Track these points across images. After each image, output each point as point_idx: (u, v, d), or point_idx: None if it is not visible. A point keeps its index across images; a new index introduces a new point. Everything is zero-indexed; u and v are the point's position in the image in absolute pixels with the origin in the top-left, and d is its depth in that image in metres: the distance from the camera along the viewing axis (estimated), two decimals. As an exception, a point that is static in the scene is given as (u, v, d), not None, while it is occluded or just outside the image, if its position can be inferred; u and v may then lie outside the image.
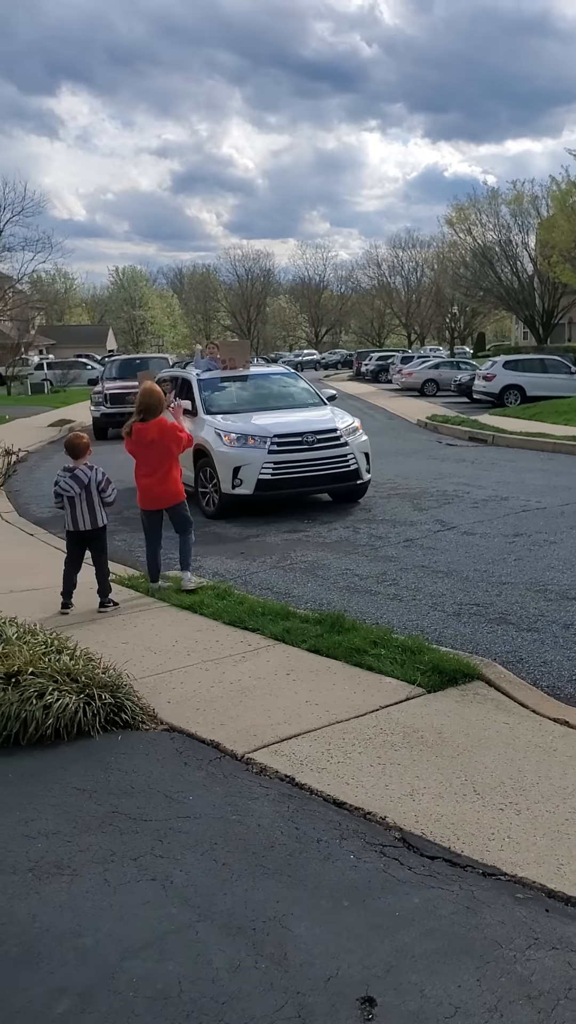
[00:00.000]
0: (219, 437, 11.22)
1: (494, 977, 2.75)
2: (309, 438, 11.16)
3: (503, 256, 52.67)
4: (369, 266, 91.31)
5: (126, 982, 2.79)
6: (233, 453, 11.01)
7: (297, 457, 11.08)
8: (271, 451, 10.96)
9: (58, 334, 77.68)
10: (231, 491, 11.04)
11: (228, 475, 11.00)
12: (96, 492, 7.16)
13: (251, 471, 10.94)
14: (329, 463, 11.26)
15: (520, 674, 5.54)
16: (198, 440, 11.21)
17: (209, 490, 11.46)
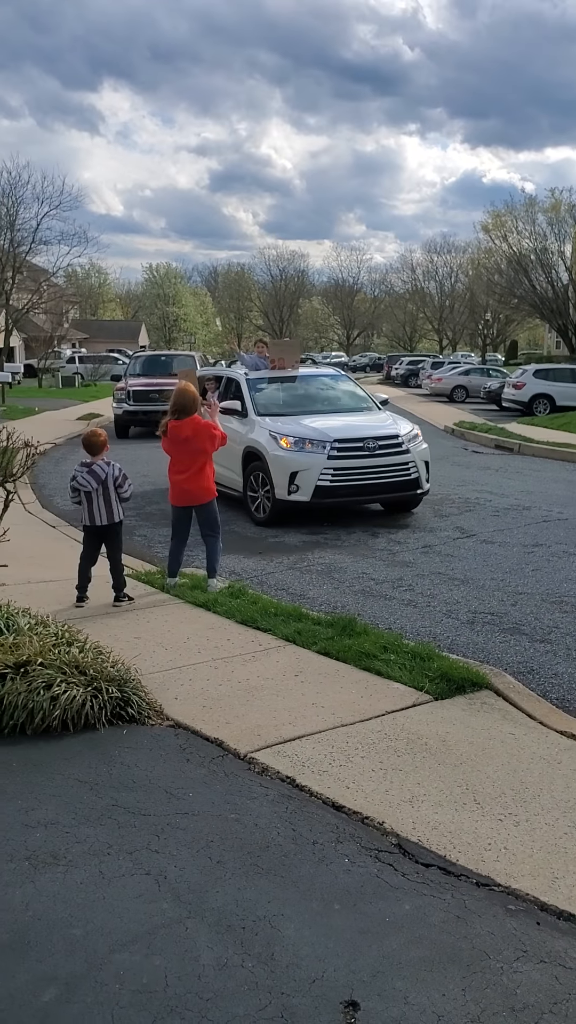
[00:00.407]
0: (274, 440, 10.68)
1: (479, 988, 2.74)
2: (370, 444, 10.64)
3: (538, 264, 52.31)
4: (403, 270, 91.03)
5: (112, 974, 2.81)
6: (290, 457, 10.46)
7: (357, 464, 10.53)
8: (331, 456, 10.42)
9: (91, 328, 78.19)
10: (286, 497, 10.46)
11: (284, 480, 10.42)
12: (113, 487, 7.19)
13: (309, 477, 10.38)
14: (390, 471, 10.72)
15: (530, 685, 5.51)
16: (248, 443, 10.98)
17: (260, 495, 10.90)
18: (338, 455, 10.46)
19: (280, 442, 10.63)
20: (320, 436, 10.61)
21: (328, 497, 10.51)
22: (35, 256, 42.84)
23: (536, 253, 52.60)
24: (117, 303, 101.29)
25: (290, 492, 10.45)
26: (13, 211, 39.79)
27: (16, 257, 39.12)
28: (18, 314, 41.79)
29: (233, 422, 11.35)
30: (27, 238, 40.44)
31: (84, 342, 70.64)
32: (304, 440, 10.58)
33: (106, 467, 7.22)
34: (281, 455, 10.52)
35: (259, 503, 10.93)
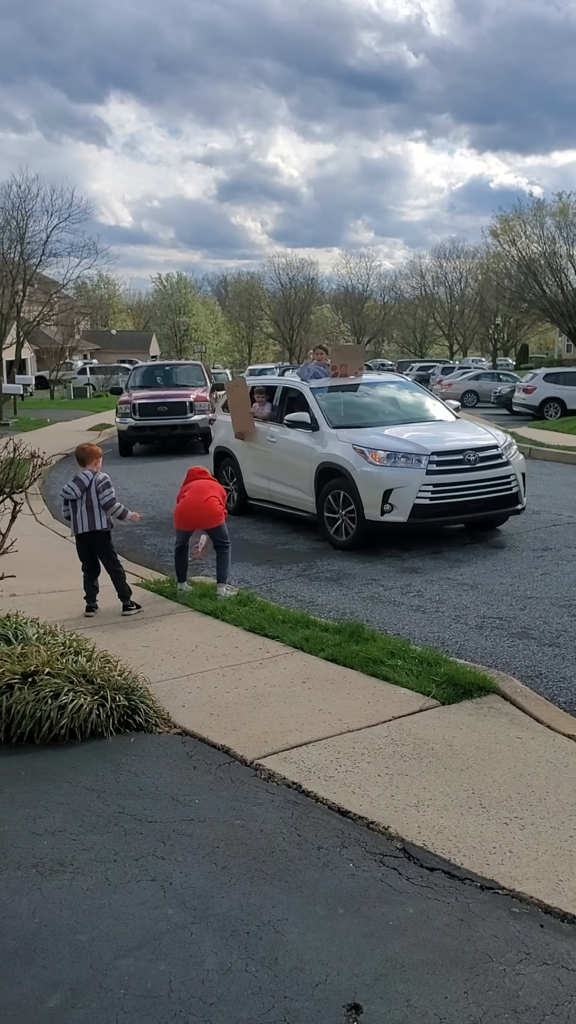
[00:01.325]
0: (361, 455, 9.57)
1: (482, 990, 2.75)
2: (470, 456, 9.60)
3: (548, 268, 52.24)
4: (413, 276, 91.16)
5: (117, 979, 2.83)
6: (383, 473, 9.34)
7: (457, 479, 9.48)
8: (430, 471, 9.35)
9: (102, 339, 78.56)
10: (378, 518, 9.37)
11: (375, 499, 9.34)
12: (95, 494, 7.26)
13: (406, 495, 9.27)
14: (490, 485, 9.68)
15: (538, 689, 5.51)
16: (324, 458, 10.00)
17: (341, 516, 9.79)
18: (437, 469, 9.40)
19: (369, 457, 9.51)
20: (416, 449, 9.53)
21: (426, 517, 9.43)
22: (45, 268, 43.08)
23: (545, 257, 52.54)
24: (128, 314, 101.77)
25: (383, 512, 9.35)
26: (23, 224, 40.03)
27: (27, 270, 39.32)
28: (29, 326, 41.98)
29: (299, 436, 10.61)
30: (37, 250, 40.64)
31: (95, 353, 70.98)
32: (397, 454, 9.48)
33: (90, 475, 7.32)
34: (371, 471, 9.43)
35: (340, 525, 9.85)
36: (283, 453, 10.92)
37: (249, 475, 11.75)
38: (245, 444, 11.68)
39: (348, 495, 9.65)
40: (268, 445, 11.25)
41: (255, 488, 11.66)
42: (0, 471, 6.81)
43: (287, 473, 10.75)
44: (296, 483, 10.59)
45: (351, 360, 11.97)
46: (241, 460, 11.87)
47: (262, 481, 11.44)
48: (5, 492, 6.71)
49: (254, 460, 11.60)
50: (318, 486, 10.13)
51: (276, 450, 11.08)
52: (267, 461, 11.29)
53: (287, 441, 10.86)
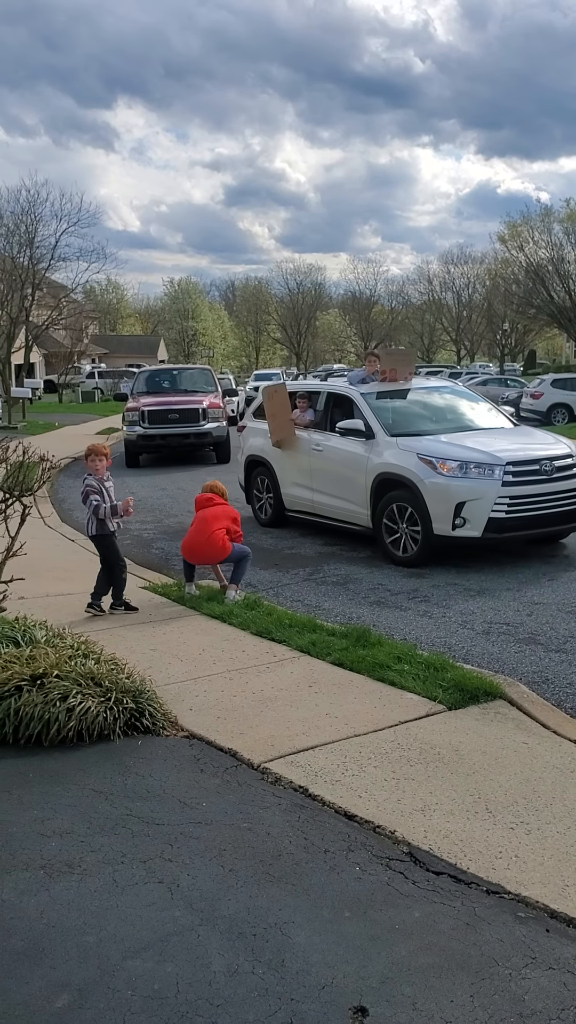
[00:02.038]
0: (428, 465, 8.94)
1: (488, 994, 2.76)
2: (546, 466, 9.01)
3: (555, 274, 52.28)
4: (420, 281, 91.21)
5: (125, 981, 2.85)
6: (454, 485, 8.74)
7: (535, 490, 8.89)
8: (506, 483, 8.75)
9: (110, 343, 78.77)
10: (449, 533, 8.76)
11: (445, 512, 8.72)
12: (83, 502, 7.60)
13: (480, 508, 8.68)
14: (566, 497, 9.09)
15: (544, 695, 5.52)
16: (383, 469, 9.38)
17: (402, 531, 9.18)
18: (514, 480, 8.81)
19: (439, 467, 8.89)
20: (489, 459, 8.91)
21: (502, 531, 8.86)
22: (54, 273, 43.24)
23: (553, 263, 52.57)
24: (136, 318, 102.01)
25: (455, 527, 8.73)
26: (32, 228, 40.20)
27: (36, 274, 39.48)
28: (38, 330, 42.15)
29: (350, 445, 10.02)
30: (46, 255, 40.84)
31: (104, 357, 71.17)
32: (469, 464, 8.87)
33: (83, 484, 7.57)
34: (441, 483, 8.79)
35: (401, 540, 9.21)
36: (331, 463, 10.32)
37: (288, 486, 11.13)
38: (283, 453, 11.10)
39: (412, 508, 9.00)
40: (312, 454, 10.62)
41: (295, 499, 11.06)
42: (9, 474, 6.85)
43: (336, 484, 10.14)
44: (346, 495, 9.97)
45: (401, 365, 11.21)
46: (279, 470, 11.26)
47: (304, 492, 10.83)
48: (14, 495, 6.75)
49: (295, 470, 10.98)
50: (374, 498, 9.48)
51: (322, 459, 10.46)
52: (311, 471, 10.67)
53: (336, 450, 10.26)
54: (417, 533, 9.02)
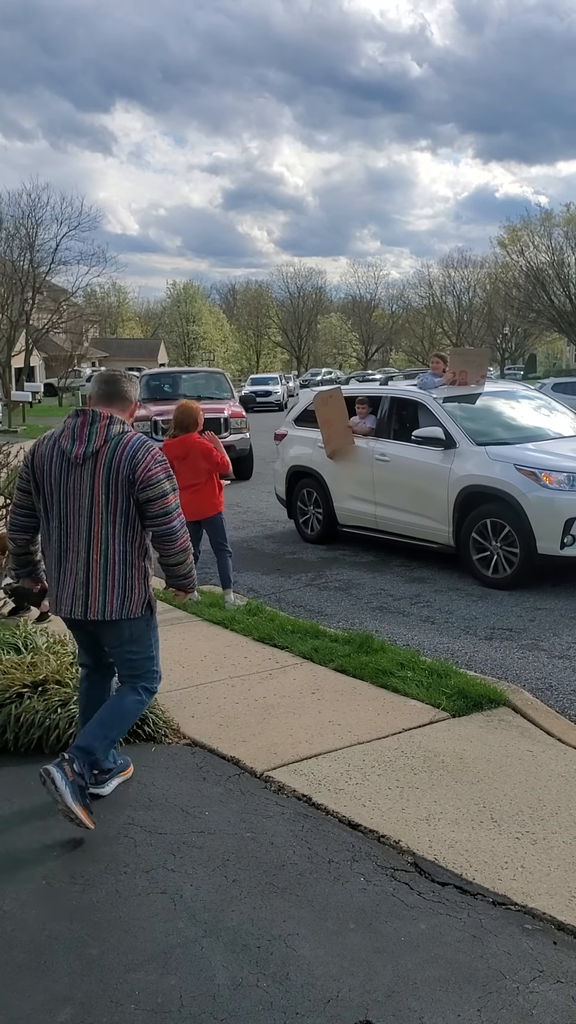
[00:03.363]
0: (530, 477, 8.19)
1: (495, 1008, 2.73)
2: None
3: (556, 278, 52.34)
4: (420, 285, 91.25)
5: (128, 994, 2.81)
6: (562, 499, 7.99)
7: None
8: None
9: (111, 347, 78.73)
10: (557, 552, 7.98)
11: (553, 530, 7.96)
12: None
13: None
14: None
15: (548, 701, 5.48)
16: (469, 481, 8.61)
17: (494, 549, 8.40)
18: None
19: (542, 479, 8.13)
20: None
21: None
22: (54, 276, 43.31)
23: (553, 267, 52.64)
24: (136, 322, 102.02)
25: (564, 545, 7.97)
26: (33, 232, 40.27)
27: (36, 277, 39.54)
28: (38, 334, 42.20)
29: (425, 454, 9.18)
30: (46, 259, 40.92)
31: (104, 360, 71.11)
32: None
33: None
34: (547, 496, 8.03)
35: (492, 560, 8.45)
36: (401, 474, 9.46)
37: (344, 499, 10.26)
38: (337, 463, 10.25)
39: (508, 524, 8.25)
40: (376, 465, 9.74)
41: (351, 514, 10.21)
42: (9, 479, 6.82)
43: (408, 497, 9.32)
44: (421, 509, 9.17)
45: (473, 367, 10.39)
46: (331, 481, 10.38)
47: (364, 506, 9.96)
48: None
49: (352, 482, 10.12)
50: (459, 514, 8.70)
51: (390, 470, 9.59)
52: (373, 483, 9.78)
53: (407, 460, 9.39)
54: (513, 552, 8.26)
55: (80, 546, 3.87)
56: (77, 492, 3.86)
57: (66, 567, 3.91)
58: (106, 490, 3.83)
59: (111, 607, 3.89)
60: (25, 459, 4.08)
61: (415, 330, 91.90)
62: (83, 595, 3.88)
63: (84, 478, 3.85)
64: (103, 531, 3.85)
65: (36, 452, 4.03)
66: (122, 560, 3.90)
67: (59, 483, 3.90)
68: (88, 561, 3.86)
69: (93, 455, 3.85)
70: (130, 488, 3.83)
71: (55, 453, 3.93)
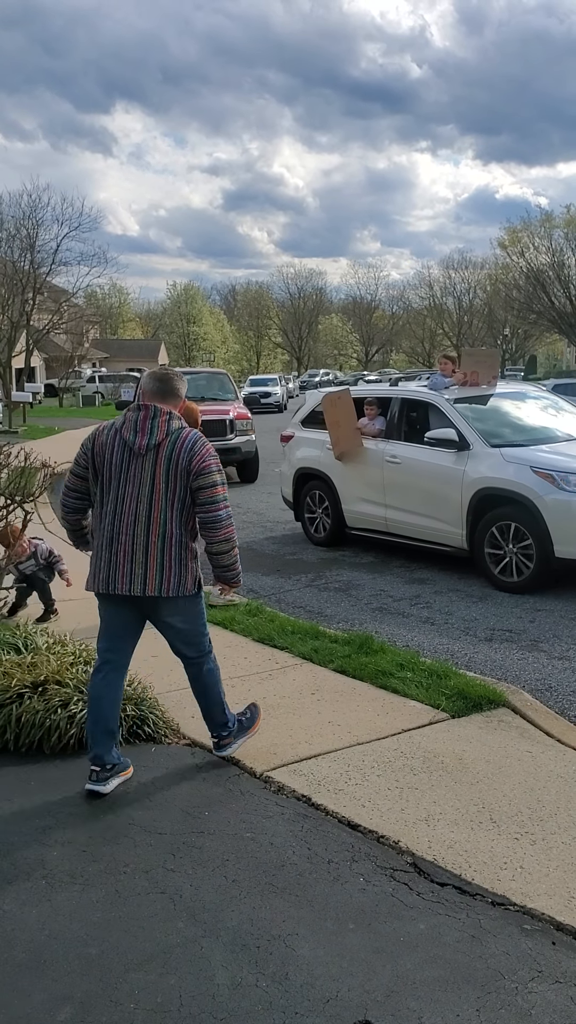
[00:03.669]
0: (547, 479, 8.04)
1: (494, 1008, 2.73)
2: None
3: (556, 279, 52.37)
4: (421, 286, 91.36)
5: (127, 993, 2.82)
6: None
7: None
8: None
9: (111, 347, 78.78)
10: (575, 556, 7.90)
11: (570, 532, 7.85)
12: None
13: None
14: None
15: (548, 702, 5.49)
16: (484, 484, 8.44)
17: (510, 552, 8.25)
18: None
19: (559, 481, 8.02)
20: None
21: None
22: (55, 277, 43.33)
23: (554, 268, 52.68)
24: (137, 322, 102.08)
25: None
26: (33, 233, 40.30)
27: (36, 278, 39.56)
28: (39, 334, 42.22)
29: (437, 456, 9.03)
30: (47, 259, 40.94)
31: (104, 361, 71.25)
32: None
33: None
34: (564, 499, 7.91)
35: (508, 563, 8.29)
36: (413, 476, 9.31)
37: (352, 501, 10.14)
38: (347, 465, 10.12)
39: (524, 528, 8.12)
40: (387, 467, 9.61)
41: (360, 516, 10.09)
42: (11, 480, 6.83)
43: (419, 500, 9.16)
44: (433, 511, 9.01)
45: (484, 367, 10.32)
46: (340, 484, 10.24)
47: (374, 509, 9.83)
48: (15, 501, 6.73)
49: (361, 484, 9.98)
50: (473, 517, 8.55)
51: (401, 472, 9.46)
52: (384, 485, 9.65)
53: (419, 462, 9.25)
54: (529, 555, 8.13)
55: (139, 528, 4.14)
56: (138, 479, 4.16)
57: (120, 548, 4.16)
58: (166, 478, 4.14)
59: (168, 584, 4.16)
60: (84, 447, 4.37)
61: (415, 331, 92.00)
62: (142, 573, 4.13)
63: (145, 467, 4.15)
64: (162, 515, 4.14)
65: (96, 441, 4.32)
66: (178, 542, 4.18)
67: (119, 470, 4.19)
68: (147, 543, 4.13)
69: (155, 447, 4.15)
70: (187, 477, 4.14)
71: (117, 443, 4.22)
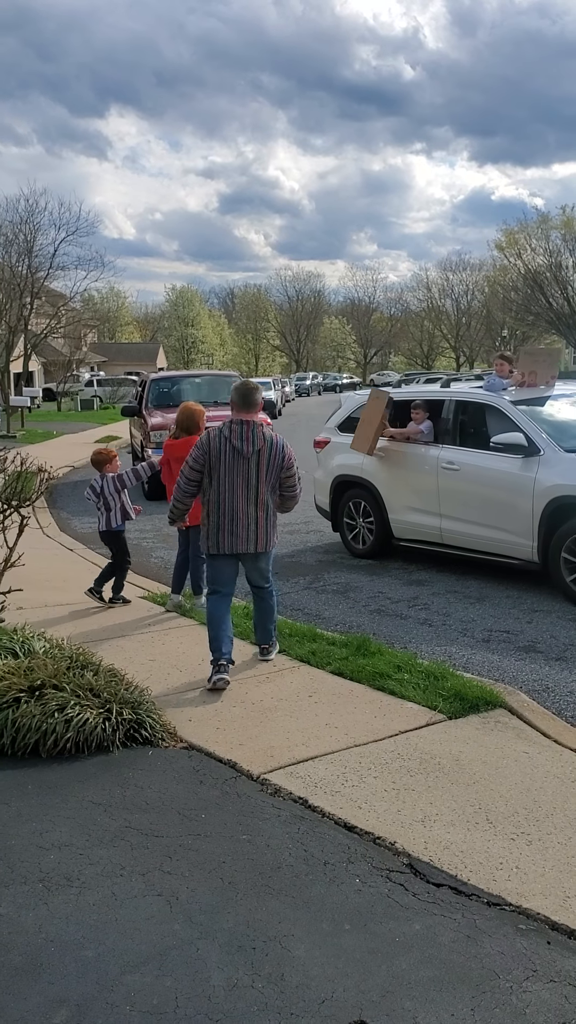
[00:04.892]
0: None
1: (488, 1008, 2.74)
2: None
3: (554, 281, 52.44)
4: (419, 288, 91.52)
5: (123, 995, 2.83)
6: None
7: None
8: None
9: (109, 351, 78.79)
10: None
11: None
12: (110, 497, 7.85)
13: None
14: None
15: (545, 703, 5.50)
16: (562, 492, 7.81)
17: None
18: None
19: None
20: None
21: None
22: (53, 281, 43.32)
23: (551, 270, 52.75)
24: (135, 326, 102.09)
25: None
26: (31, 237, 40.29)
27: (34, 283, 39.55)
28: (37, 339, 42.21)
29: (501, 463, 8.44)
30: (44, 264, 40.92)
31: (102, 365, 71.19)
32: None
33: (100, 480, 7.89)
34: None
35: None
36: (473, 484, 8.71)
37: (401, 511, 9.51)
38: (394, 472, 9.55)
39: None
40: (442, 474, 8.95)
41: (411, 527, 9.43)
42: (7, 485, 6.84)
43: (480, 509, 8.56)
44: (498, 522, 8.41)
45: (542, 367, 9.69)
46: (386, 492, 9.63)
47: (427, 519, 9.17)
48: (12, 506, 6.74)
49: (410, 492, 9.39)
50: (545, 527, 7.95)
51: (459, 480, 8.81)
52: (438, 493, 8.99)
53: (480, 469, 8.65)
54: None
55: (250, 508, 5.80)
56: (245, 473, 5.77)
57: (236, 522, 5.78)
58: (267, 472, 5.82)
59: (271, 542, 6.00)
60: (200, 448, 5.81)
61: (414, 333, 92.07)
62: (255, 536, 5.85)
63: (251, 466, 5.77)
64: (266, 497, 5.85)
65: (211, 447, 5.78)
66: (274, 514, 5.99)
67: (229, 468, 5.76)
68: (257, 516, 5.83)
69: (257, 452, 5.76)
70: (279, 470, 5.86)
71: (226, 448, 5.75)
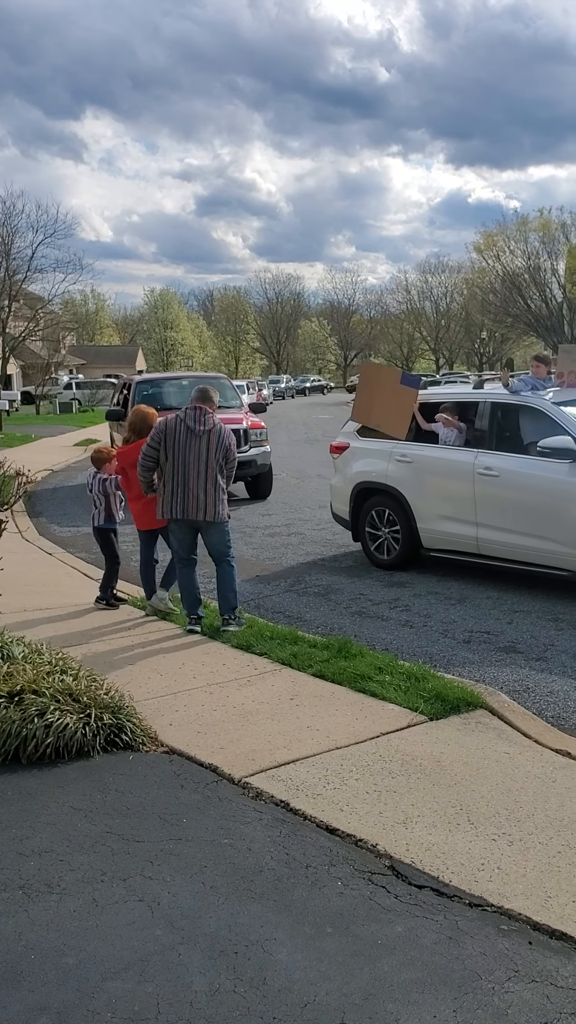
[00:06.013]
0: None
1: (470, 1009, 2.74)
2: None
3: (531, 282, 52.74)
4: (398, 291, 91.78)
5: (104, 1002, 2.81)
6: None
7: None
8: None
9: (88, 354, 78.54)
10: None
11: None
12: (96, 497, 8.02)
13: None
14: None
15: (525, 703, 5.52)
16: None
17: None
18: None
19: None
20: None
21: None
22: (31, 284, 43.15)
23: (529, 272, 53.06)
24: (114, 328, 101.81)
25: None
26: (8, 240, 40.13)
27: (12, 285, 39.38)
28: (15, 342, 42.02)
29: (546, 469, 8.04)
30: (22, 266, 40.76)
31: (81, 368, 70.93)
32: None
33: (91, 479, 8.05)
34: None
35: None
36: (515, 491, 8.29)
37: (431, 519, 9.02)
38: (422, 479, 9.11)
39: None
40: (479, 480, 8.52)
41: (444, 537, 8.98)
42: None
43: (523, 518, 8.17)
44: (543, 531, 8.00)
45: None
46: (414, 499, 9.13)
47: (463, 528, 8.72)
48: (-9, 510, 6.70)
49: (442, 499, 8.93)
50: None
51: (498, 487, 8.41)
52: (475, 501, 8.57)
53: (523, 475, 8.25)
54: None
55: (199, 480, 6.82)
56: (197, 450, 6.83)
57: (188, 491, 6.83)
58: (216, 450, 6.86)
59: (219, 512, 6.92)
60: (158, 428, 6.95)
61: (393, 335, 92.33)
62: (203, 505, 6.85)
63: (202, 443, 6.84)
64: (215, 473, 6.86)
65: (168, 427, 6.90)
66: (221, 488, 6.94)
67: (183, 445, 6.84)
68: (206, 487, 6.83)
69: (207, 432, 6.85)
70: (225, 450, 6.91)
71: (181, 428, 6.86)
